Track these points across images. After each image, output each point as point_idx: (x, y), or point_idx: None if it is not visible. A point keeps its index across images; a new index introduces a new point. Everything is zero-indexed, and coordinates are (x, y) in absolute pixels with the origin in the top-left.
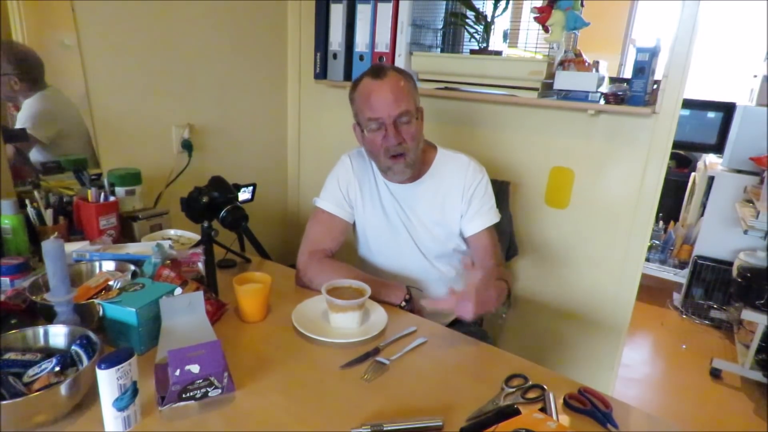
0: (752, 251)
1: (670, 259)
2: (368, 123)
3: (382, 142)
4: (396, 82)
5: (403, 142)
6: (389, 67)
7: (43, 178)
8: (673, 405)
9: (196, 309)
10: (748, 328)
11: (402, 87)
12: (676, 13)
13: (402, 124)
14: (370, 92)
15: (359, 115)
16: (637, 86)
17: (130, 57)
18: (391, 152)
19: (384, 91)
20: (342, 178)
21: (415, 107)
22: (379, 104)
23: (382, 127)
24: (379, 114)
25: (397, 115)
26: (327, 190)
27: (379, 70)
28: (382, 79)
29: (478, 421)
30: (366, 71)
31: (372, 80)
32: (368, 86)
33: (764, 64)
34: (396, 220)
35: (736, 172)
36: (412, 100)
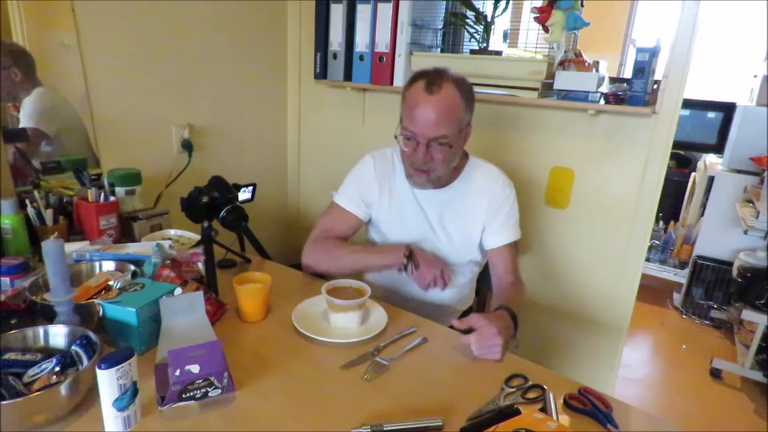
0: (752, 251)
1: (670, 259)
2: (404, 130)
3: (410, 154)
4: (447, 101)
5: (430, 162)
6: (448, 78)
7: (43, 178)
8: (673, 405)
9: (196, 309)
10: (748, 328)
11: (450, 108)
12: (676, 13)
13: (436, 145)
14: (416, 104)
15: (401, 114)
16: (637, 86)
17: (130, 57)
18: (415, 165)
19: (428, 110)
20: (361, 179)
21: (458, 130)
22: (419, 121)
23: (414, 141)
24: (415, 130)
25: (433, 138)
26: (345, 187)
27: (434, 81)
28: (433, 95)
29: (478, 421)
30: (424, 73)
31: (423, 92)
32: (417, 96)
33: (764, 64)
34: (415, 224)
35: (736, 172)
36: (456, 123)
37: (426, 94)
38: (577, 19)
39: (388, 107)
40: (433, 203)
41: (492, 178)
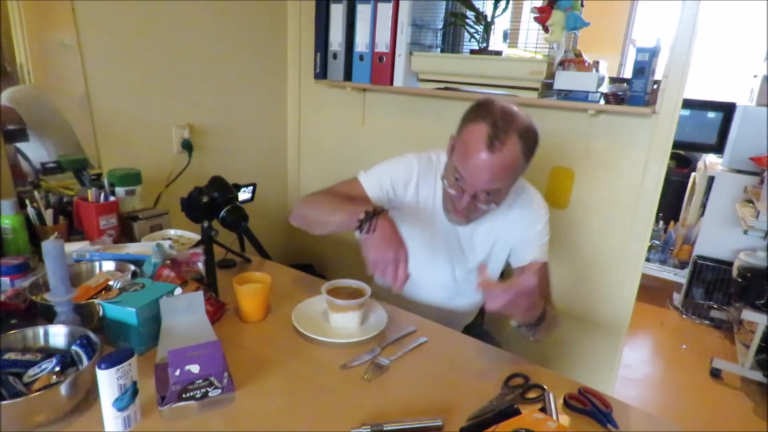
0: (752, 251)
1: (670, 259)
2: (453, 172)
3: (453, 196)
4: (507, 159)
5: (474, 209)
6: (514, 130)
7: (43, 178)
8: (673, 405)
9: (196, 309)
10: (748, 328)
11: (509, 166)
12: (676, 13)
13: (483, 195)
14: (473, 153)
15: (454, 150)
16: (637, 86)
17: (130, 57)
18: (456, 206)
19: (484, 168)
20: (398, 174)
21: (513, 181)
22: (471, 172)
23: (460, 188)
24: (466, 178)
25: (484, 189)
26: (376, 170)
27: (498, 134)
28: (494, 154)
29: (478, 421)
30: (489, 113)
31: (484, 145)
32: (476, 145)
33: (764, 64)
34: (442, 241)
35: (736, 172)
36: (512, 178)
37: (486, 149)
38: (577, 19)
39: (388, 107)
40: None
41: (526, 200)
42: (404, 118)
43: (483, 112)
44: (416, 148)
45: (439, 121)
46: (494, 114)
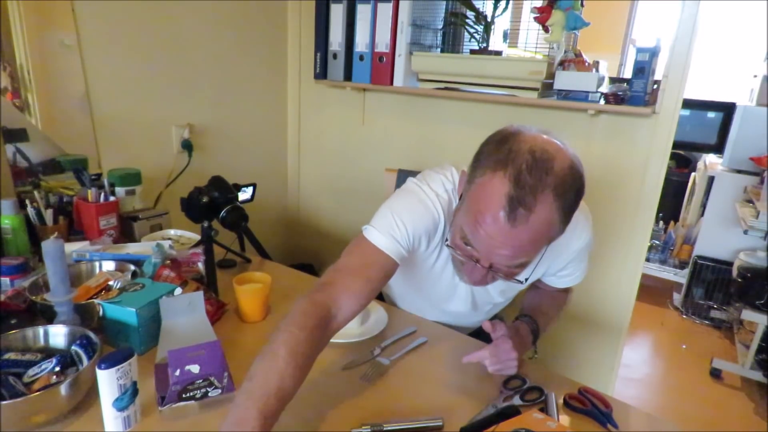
0: (752, 251)
1: (670, 259)
2: (461, 233)
3: (464, 266)
4: (535, 232)
5: (494, 277)
6: (546, 191)
7: (43, 178)
8: (673, 405)
9: (196, 309)
10: (748, 328)
11: (539, 238)
12: (676, 13)
13: (503, 267)
14: (486, 223)
15: (463, 205)
16: (637, 86)
17: (130, 57)
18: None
19: (504, 243)
20: (423, 228)
21: (542, 251)
22: (485, 248)
23: (473, 257)
24: (480, 249)
25: (506, 264)
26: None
27: (521, 202)
28: (515, 228)
29: (478, 421)
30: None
31: (502, 218)
32: (492, 214)
33: (764, 64)
34: (463, 285)
35: (736, 172)
36: (541, 248)
37: (506, 220)
38: (577, 19)
39: (388, 107)
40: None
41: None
42: (404, 118)
43: (504, 156)
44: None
45: (439, 121)
46: (519, 161)
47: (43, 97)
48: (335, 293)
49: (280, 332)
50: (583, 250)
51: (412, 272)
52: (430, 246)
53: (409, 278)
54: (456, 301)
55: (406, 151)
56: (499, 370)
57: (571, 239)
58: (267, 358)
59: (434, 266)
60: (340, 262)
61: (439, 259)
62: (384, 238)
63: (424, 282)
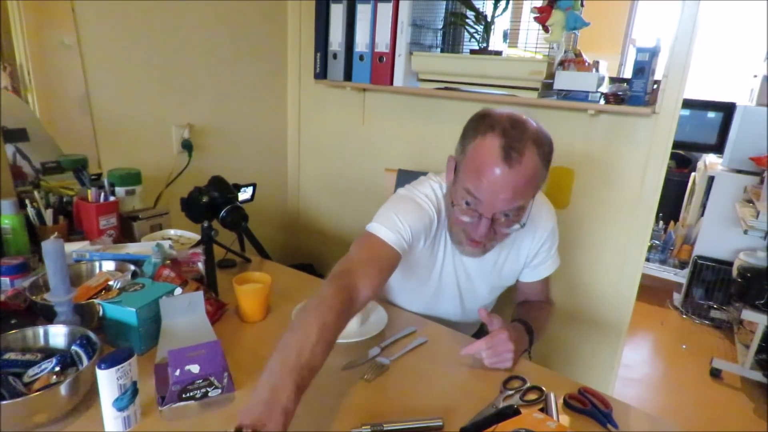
0: (752, 251)
1: (670, 259)
2: (465, 194)
3: (466, 225)
4: (528, 170)
5: (492, 236)
6: (529, 139)
7: (43, 178)
8: (673, 405)
9: (196, 309)
10: (748, 328)
11: (530, 180)
12: (676, 13)
13: (502, 218)
14: (487, 171)
15: (461, 170)
16: (637, 86)
17: (130, 57)
18: (471, 237)
19: (505, 185)
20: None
21: (534, 194)
22: (490, 194)
23: (476, 213)
24: (482, 199)
25: (505, 210)
26: (389, 220)
27: (513, 145)
28: (512, 168)
29: (478, 421)
30: (502, 127)
31: (500, 161)
32: (490, 162)
33: (764, 64)
34: (450, 278)
35: (736, 172)
36: (534, 190)
37: (503, 164)
38: (577, 19)
39: (388, 107)
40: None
41: (535, 213)
42: (404, 118)
43: (488, 124)
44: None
45: (439, 121)
46: (502, 123)
47: (43, 97)
48: (355, 279)
49: (310, 311)
50: (550, 235)
51: (406, 269)
52: (426, 242)
53: (403, 275)
54: (445, 300)
55: (406, 151)
56: (495, 363)
57: (539, 221)
58: (299, 333)
59: (427, 263)
60: (353, 254)
61: (431, 255)
62: (390, 233)
63: (416, 278)
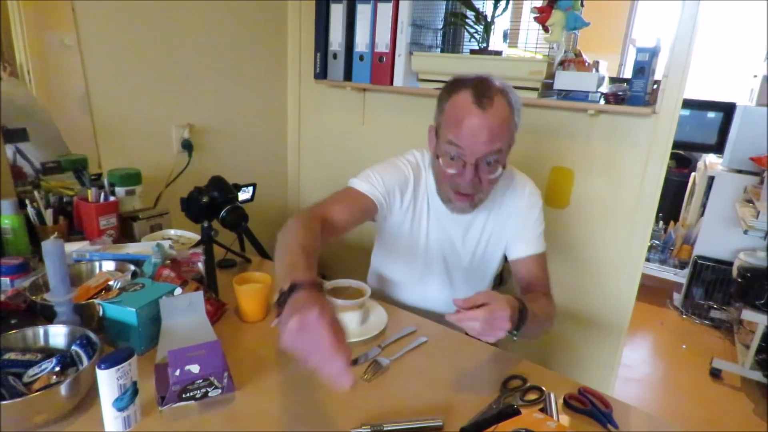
0: (752, 251)
1: (670, 259)
2: (447, 146)
3: (453, 176)
4: (501, 114)
5: (478, 185)
6: (498, 89)
7: (43, 178)
8: (673, 405)
9: (196, 309)
10: (748, 328)
11: (504, 120)
12: (676, 13)
13: (485, 165)
14: (464, 117)
15: (441, 127)
16: (637, 86)
17: (130, 57)
18: (459, 189)
19: (481, 126)
20: (395, 181)
21: (509, 142)
22: (468, 138)
23: (460, 161)
24: (463, 146)
25: (486, 154)
26: (372, 173)
27: (485, 94)
28: (485, 110)
29: (478, 421)
30: (467, 81)
31: (474, 105)
32: (465, 109)
33: (764, 64)
34: (435, 246)
35: (736, 172)
36: (508, 135)
37: (477, 108)
38: (577, 19)
39: (388, 107)
40: (458, 224)
41: (518, 186)
42: (404, 118)
43: (458, 84)
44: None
45: None
46: (470, 79)
47: (43, 97)
48: (325, 209)
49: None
50: (534, 208)
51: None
52: (404, 201)
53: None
54: (434, 276)
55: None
56: (482, 336)
57: (524, 190)
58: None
59: (411, 229)
60: (325, 198)
61: (414, 221)
62: (363, 183)
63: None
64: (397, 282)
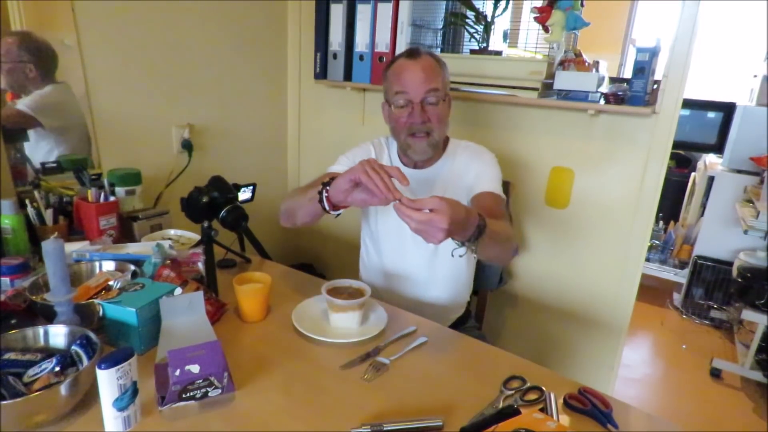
0: (752, 251)
1: (670, 259)
2: (396, 98)
3: (407, 120)
4: (429, 62)
5: (428, 122)
6: (424, 51)
7: (43, 178)
8: (673, 405)
9: (196, 309)
10: (748, 328)
11: (434, 67)
12: (676, 13)
13: (429, 104)
14: (402, 70)
15: (388, 91)
16: (637, 86)
17: (130, 57)
18: (413, 130)
19: (416, 70)
20: (360, 154)
21: (444, 87)
22: (409, 81)
23: (409, 105)
24: (407, 89)
25: (426, 92)
26: (340, 159)
27: (413, 52)
28: (416, 59)
29: (478, 421)
30: (402, 52)
31: (406, 59)
32: (401, 64)
33: (764, 64)
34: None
35: (736, 172)
36: (442, 81)
37: (410, 60)
38: (577, 19)
39: None
40: (420, 184)
41: (475, 150)
42: None
43: (394, 58)
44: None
45: None
46: (403, 51)
47: None
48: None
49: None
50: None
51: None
52: None
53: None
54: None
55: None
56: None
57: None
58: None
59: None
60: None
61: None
62: (337, 166)
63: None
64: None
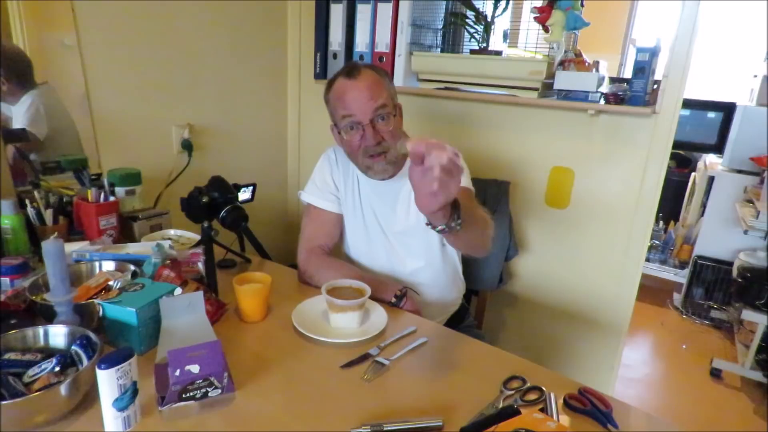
0: (752, 251)
1: (670, 259)
2: (343, 122)
3: (360, 143)
4: (370, 78)
5: (383, 141)
6: (363, 65)
7: (43, 178)
8: (673, 405)
9: (196, 309)
10: (748, 328)
11: (377, 82)
12: (676, 13)
13: (379, 121)
14: (344, 92)
15: (334, 115)
16: (637, 86)
17: (130, 57)
18: (370, 152)
19: (359, 89)
20: (327, 170)
21: (391, 99)
22: (354, 103)
23: (358, 127)
24: (354, 112)
25: (374, 110)
26: (314, 183)
27: (352, 69)
28: (356, 78)
29: (478, 421)
30: (339, 71)
31: (345, 80)
32: (342, 86)
33: (764, 64)
34: (372, 219)
35: (736, 172)
36: (388, 95)
37: (350, 80)
38: (577, 19)
39: None
40: (387, 194)
41: None
42: (404, 118)
43: (332, 78)
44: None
45: (439, 121)
46: (340, 70)
47: None
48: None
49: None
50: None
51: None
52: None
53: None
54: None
55: None
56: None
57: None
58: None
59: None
60: (306, 232)
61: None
62: (323, 201)
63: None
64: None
